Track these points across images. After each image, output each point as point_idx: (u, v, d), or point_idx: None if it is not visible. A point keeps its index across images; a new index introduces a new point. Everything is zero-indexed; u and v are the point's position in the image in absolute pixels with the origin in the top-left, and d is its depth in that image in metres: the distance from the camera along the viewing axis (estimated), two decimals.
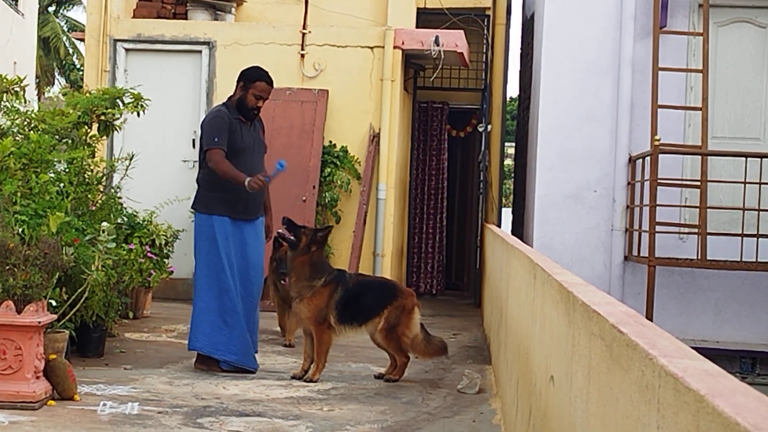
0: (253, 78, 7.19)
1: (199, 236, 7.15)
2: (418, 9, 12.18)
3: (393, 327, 7.02)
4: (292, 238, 7.02)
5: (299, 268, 7.00)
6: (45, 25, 33.73)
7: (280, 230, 7.12)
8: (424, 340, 7.15)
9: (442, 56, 11.28)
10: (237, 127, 7.13)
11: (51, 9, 38.37)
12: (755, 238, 9.20)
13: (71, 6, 39.05)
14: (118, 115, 8.23)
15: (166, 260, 9.36)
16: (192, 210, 7.36)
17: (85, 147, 8.04)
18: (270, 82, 7.25)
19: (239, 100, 7.19)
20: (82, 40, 11.81)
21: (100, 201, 8.20)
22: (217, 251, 7.05)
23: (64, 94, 8.63)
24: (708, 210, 9.40)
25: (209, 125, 7.11)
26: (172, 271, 9.69)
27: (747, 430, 1.35)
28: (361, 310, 7.09)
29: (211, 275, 7.05)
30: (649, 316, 8.83)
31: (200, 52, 11.39)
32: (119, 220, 8.70)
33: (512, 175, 16.98)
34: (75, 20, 38.78)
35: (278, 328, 8.79)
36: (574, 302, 3.00)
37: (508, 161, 22.62)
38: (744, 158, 9.13)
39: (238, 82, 7.27)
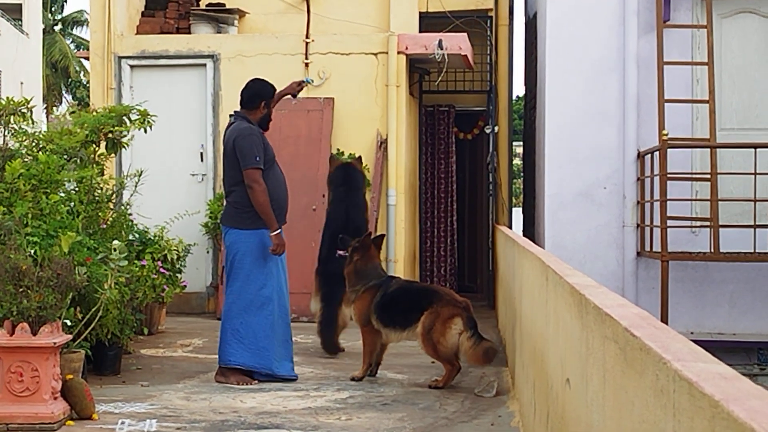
0: (272, 92, 7.38)
1: (244, 253, 7.13)
2: (420, 13, 12.17)
3: (429, 333, 7.03)
4: (345, 254, 7.60)
5: (347, 278, 7.52)
6: (52, 46, 33.83)
7: (339, 251, 7.77)
8: (473, 346, 6.95)
9: (447, 59, 11.26)
10: (266, 141, 7.28)
11: (57, 28, 38.43)
12: None
13: (77, 26, 39.14)
14: (126, 132, 8.26)
15: (178, 275, 9.40)
16: (227, 226, 7.28)
17: (94, 165, 8.07)
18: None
19: (265, 117, 7.32)
20: (88, 58, 11.84)
21: (110, 219, 8.22)
22: (263, 265, 7.12)
23: (71, 113, 8.63)
24: (719, 202, 9.37)
25: (249, 142, 7.09)
26: (185, 286, 9.71)
27: None
28: (402, 315, 7.18)
29: (250, 289, 7.11)
30: (664, 311, 8.81)
31: (204, 65, 11.41)
32: (130, 237, 8.73)
33: (521, 174, 16.96)
34: (82, 38, 38.81)
35: None
36: (587, 305, 2.99)
37: (517, 161, 22.60)
38: (753, 149, 9.11)
39: (256, 101, 7.27)
